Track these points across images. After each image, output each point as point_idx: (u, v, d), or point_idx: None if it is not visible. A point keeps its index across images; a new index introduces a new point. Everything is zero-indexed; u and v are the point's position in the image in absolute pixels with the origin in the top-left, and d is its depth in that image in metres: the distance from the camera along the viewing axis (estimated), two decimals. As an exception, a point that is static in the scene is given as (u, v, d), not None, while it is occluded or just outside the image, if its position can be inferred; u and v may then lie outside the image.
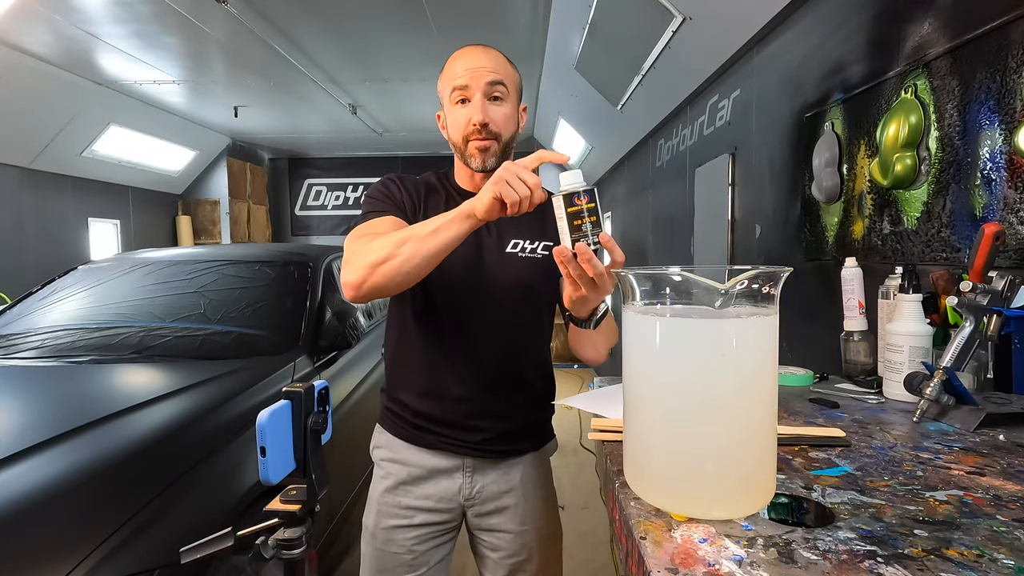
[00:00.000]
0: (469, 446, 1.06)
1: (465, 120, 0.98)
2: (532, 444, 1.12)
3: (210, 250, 2.58)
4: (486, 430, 1.06)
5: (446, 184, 1.09)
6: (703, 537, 0.53)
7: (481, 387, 1.05)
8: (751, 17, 2.07)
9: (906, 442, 0.78)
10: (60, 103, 4.49)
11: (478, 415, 1.05)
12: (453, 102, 0.98)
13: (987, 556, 0.48)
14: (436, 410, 1.06)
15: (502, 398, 1.06)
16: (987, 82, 1.11)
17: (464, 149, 1.00)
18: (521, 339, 1.07)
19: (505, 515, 1.09)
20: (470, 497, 1.08)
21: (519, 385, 1.07)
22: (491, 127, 0.98)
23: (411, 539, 1.07)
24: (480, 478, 1.08)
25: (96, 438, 1.24)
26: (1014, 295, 0.88)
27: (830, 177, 1.65)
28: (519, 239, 1.05)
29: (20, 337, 1.95)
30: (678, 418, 0.57)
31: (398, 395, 1.10)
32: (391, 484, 1.09)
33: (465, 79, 0.96)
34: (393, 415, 1.11)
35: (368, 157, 7.89)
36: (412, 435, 1.08)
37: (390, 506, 1.08)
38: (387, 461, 1.10)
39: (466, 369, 1.04)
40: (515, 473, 1.09)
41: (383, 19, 3.53)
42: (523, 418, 1.09)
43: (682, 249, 3.11)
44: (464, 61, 0.98)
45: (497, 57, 1.00)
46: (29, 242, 4.78)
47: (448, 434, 1.06)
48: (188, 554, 0.72)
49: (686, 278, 0.56)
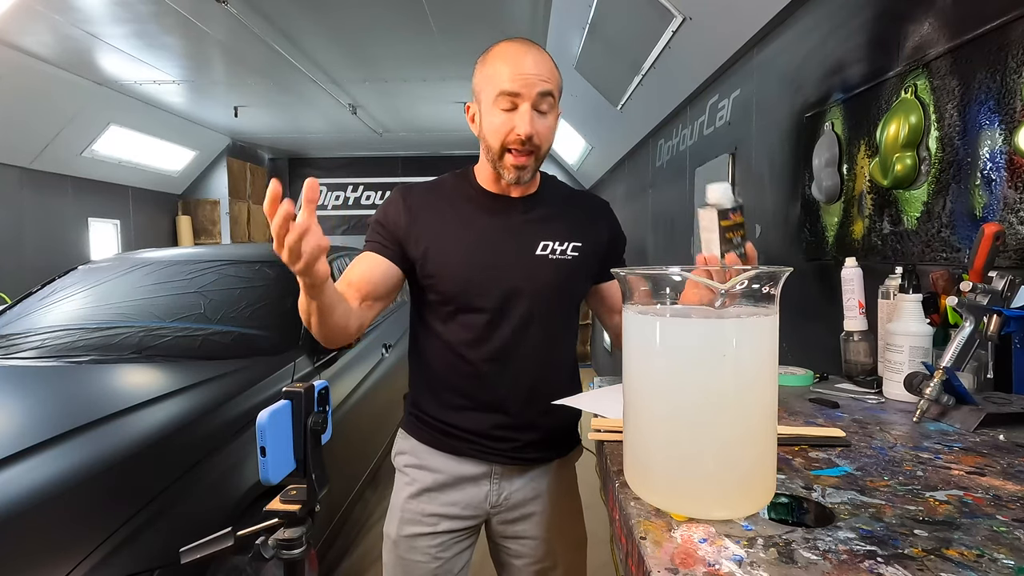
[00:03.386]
0: (498, 453, 1.04)
1: (508, 128, 0.93)
2: (560, 451, 1.10)
3: (210, 250, 2.58)
4: (516, 439, 1.03)
5: (466, 186, 1.05)
6: (703, 537, 0.53)
7: (512, 396, 1.02)
8: (751, 17, 2.07)
9: (906, 442, 0.78)
10: (60, 103, 4.49)
11: (505, 426, 1.03)
12: (496, 105, 0.93)
13: (987, 556, 0.48)
14: (465, 421, 1.03)
15: (534, 406, 1.03)
16: (987, 82, 1.11)
17: (500, 159, 0.96)
18: (552, 343, 1.05)
19: (530, 522, 1.07)
20: (497, 504, 1.06)
21: (550, 391, 1.03)
22: (535, 140, 0.94)
23: (435, 547, 1.05)
24: (507, 485, 1.06)
25: (96, 438, 1.24)
26: (1014, 295, 0.88)
27: (830, 177, 1.65)
28: (548, 241, 1.02)
29: (20, 337, 1.95)
30: (678, 418, 0.57)
31: (424, 403, 1.07)
32: (415, 491, 1.06)
33: (517, 86, 0.92)
34: (418, 421, 1.08)
35: (368, 157, 7.89)
36: (439, 441, 1.05)
37: (414, 513, 1.05)
38: (412, 467, 1.07)
39: (497, 378, 1.01)
40: (542, 481, 1.08)
41: (383, 19, 3.53)
42: (553, 425, 1.07)
43: (682, 249, 3.11)
44: (516, 64, 0.92)
45: (547, 61, 0.96)
46: (29, 242, 4.77)
47: (477, 441, 1.03)
48: (188, 554, 0.72)
49: (686, 278, 0.56)
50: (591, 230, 1.07)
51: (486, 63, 0.96)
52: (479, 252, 0.99)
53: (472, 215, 1.02)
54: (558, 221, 1.04)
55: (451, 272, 0.99)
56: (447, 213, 1.02)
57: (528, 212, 1.03)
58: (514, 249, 1.01)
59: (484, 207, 1.02)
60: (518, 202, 1.03)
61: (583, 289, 1.10)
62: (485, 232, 1.00)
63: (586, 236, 1.06)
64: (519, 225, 1.02)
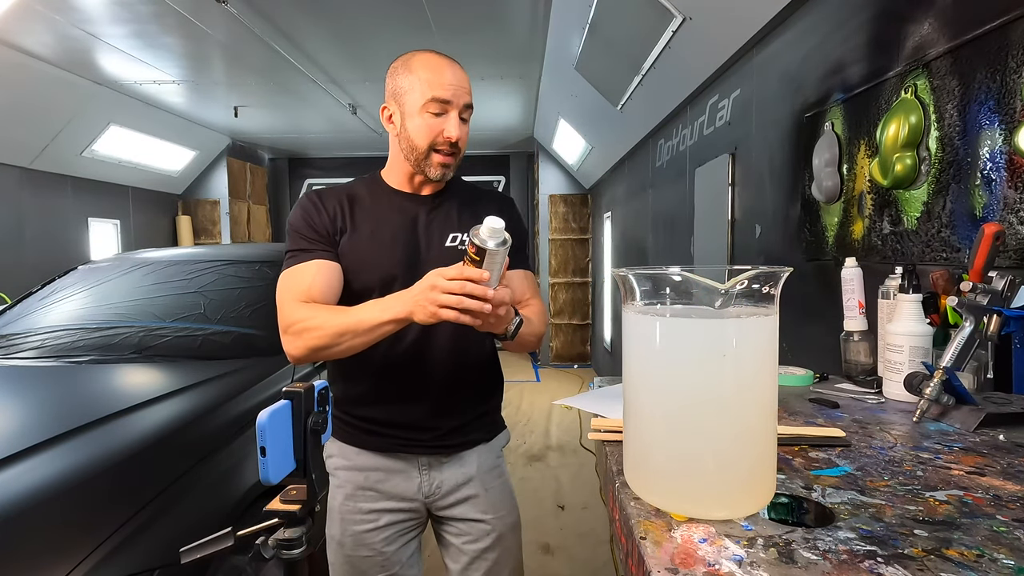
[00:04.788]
0: (421, 444, 1.08)
1: (437, 131, 1.01)
2: (483, 435, 1.14)
3: (210, 250, 2.58)
4: (437, 428, 1.08)
5: (376, 188, 1.10)
6: (703, 537, 0.53)
7: (429, 387, 1.06)
8: (751, 17, 2.07)
9: (906, 442, 0.78)
10: (60, 103, 4.49)
11: (428, 415, 1.07)
12: (425, 109, 1.01)
13: (987, 556, 0.48)
14: (385, 414, 1.07)
15: (451, 395, 1.08)
16: (987, 82, 1.11)
17: (425, 157, 1.03)
18: (466, 334, 1.05)
19: (467, 505, 1.11)
20: (430, 494, 1.10)
21: (467, 379, 1.09)
22: (460, 144, 1.04)
23: (380, 540, 1.08)
24: (436, 474, 1.10)
25: (96, 438, 1.24)
26: (1014, 295, 0.88)
27: (830, 177, 1.65)
28: (457, 232, 1.08)
29: (20, 337, 1.95)
30: (678, 418, 0.57)
31: (344, 402, 1.10)
32: (349, 491, 1.09)
33: (448, 94, 1.00)
34: (341, 423, 1.11)
35: (368, 157, 7.89)
36: (363, 440, 1.09)
37: (353, 513, 1.09)
38: (342, 470, 1.10)
39: (413, 370, 1.06)
40: (470, 464, 1.11)
41: (383, 19, 3.53)
42: (473, 411, 1.12)
43: (682, 249, 3.11)
44: (444, 75, 1.01)
45: (467, 78, 1.05)
46: (29, 242, 4.78)
47: (400, 435, 1.07)
48: (188, 554, 0.72)
49: (686, 278, 0.56)
50: None
51: (411, 70, 1.02)
52: (393, 247, 1.04)
53: (384, 213, 1.07)
54: (465, 213, 1.10)
55: (367, 267, 1.04)
56: (361, 212, 1.07)
57: (437, 208, 1.09)
58: (426, 243, 1.07)
59: (395, 205, 1.08)
60: (427, 199, 1.10)
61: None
62: (398, 228, 1.06)
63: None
64: (429, 220, 1.08)
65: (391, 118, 1.06)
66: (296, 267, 1.02)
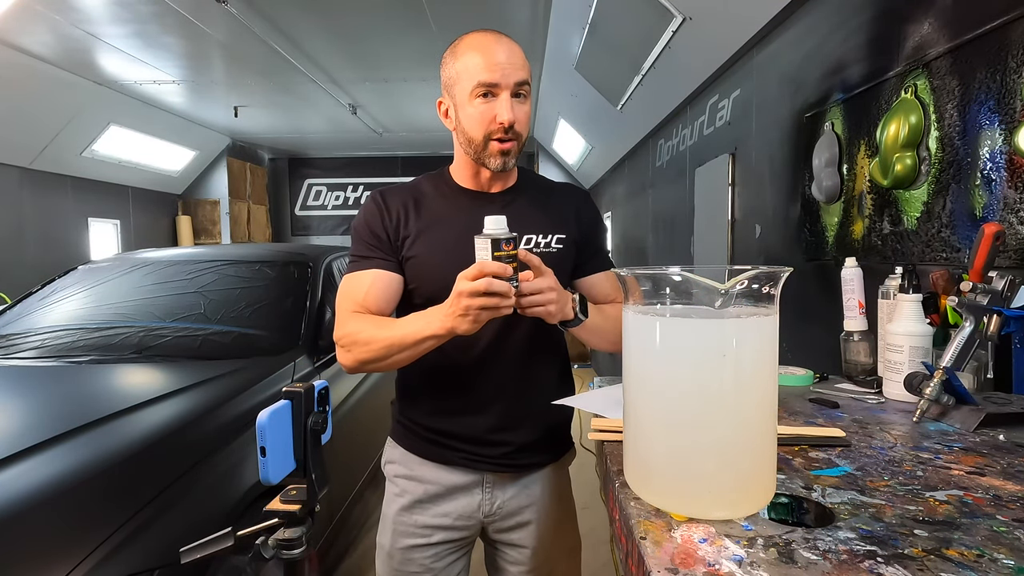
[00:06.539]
0: (489, 461, 1.02)
1: (490, 117, 0.92)
2: (552, 455, 1.09)
3: (210, 250, 2.58)
4: (507, 443, 1.02)
5: (443, 185, 1.04)
6: (703, 537, 0.53)
7: (499, 397, 1.00)
8: (751, 17, 2.07)
9: (906, 442, 0.78)
10: (60, 103, 4.49)
11: (498, 428, 1.01)
12: (474, 96, 0.92)
13: (987, 556, 0.48)
14: (454, 426, 1.02)
15: (522, 406, 1.01)
16: (987, 82, 1.11)
17: (483, 148, 0.94)
18: (540, 339, 1.02)
19: (525, 530, 1.06)
20: (490, 514, 1.05)
21: (538, 390, 1.02)
22: (516, 127, 0.94)
23: (429, 557, 1.04)
24: (500, 494, 1.04)
25: (96, 438, 1.24)
26: (1014, 295, 0.88)
27: (830, 177, 1.65)
28: (532, 234, 1.00)
29: (20, 337, 1.95)
30: (678, 418, 0.57)
31: (411, 410, 1.06)
32: (407, 503, 1.05)
33: (495, 76, 0.91)
34: (406, 429, 1.07)
35: (368, 157, 7.90)
36: (428, 451, 1.04)
37: (407, 525, 1.04)
38: (402, 478, 1.06)
39: (482, 380, 1.00)
40: (535, 488, 1.06)
41: (383, 19, 3.54)
42: (543, 425, 1.05)
43: (682, 249, 3.11)
44: (490, 55, 0.91)
45: (519, 51, 0.95)
46: (29, 242, 4.78)
47: (467, 449, 1.02)
48: (188, 554, 0.72)
49: (686, 278, 0.56)
50: (573, 220, 1.05)
51: (457, 56, 0.94)
52: (461, 251, 0.93)
53: (452, 214, 1.00)
54: (540, 213, 1.02)
55: (433, 273, 0.97)
56: (426, 214, 1.00)
57: (506, 207, 0.99)
58: None
59: (463, 205, 1.00)
60: (497, 197, 1.02)
61: (568, 280, 1.08)
62: (466, 230, 0.94)
63: (569, 227, 1.04)
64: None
65: (447, 112, 0.99)
66: (354, 275, 0.98)
